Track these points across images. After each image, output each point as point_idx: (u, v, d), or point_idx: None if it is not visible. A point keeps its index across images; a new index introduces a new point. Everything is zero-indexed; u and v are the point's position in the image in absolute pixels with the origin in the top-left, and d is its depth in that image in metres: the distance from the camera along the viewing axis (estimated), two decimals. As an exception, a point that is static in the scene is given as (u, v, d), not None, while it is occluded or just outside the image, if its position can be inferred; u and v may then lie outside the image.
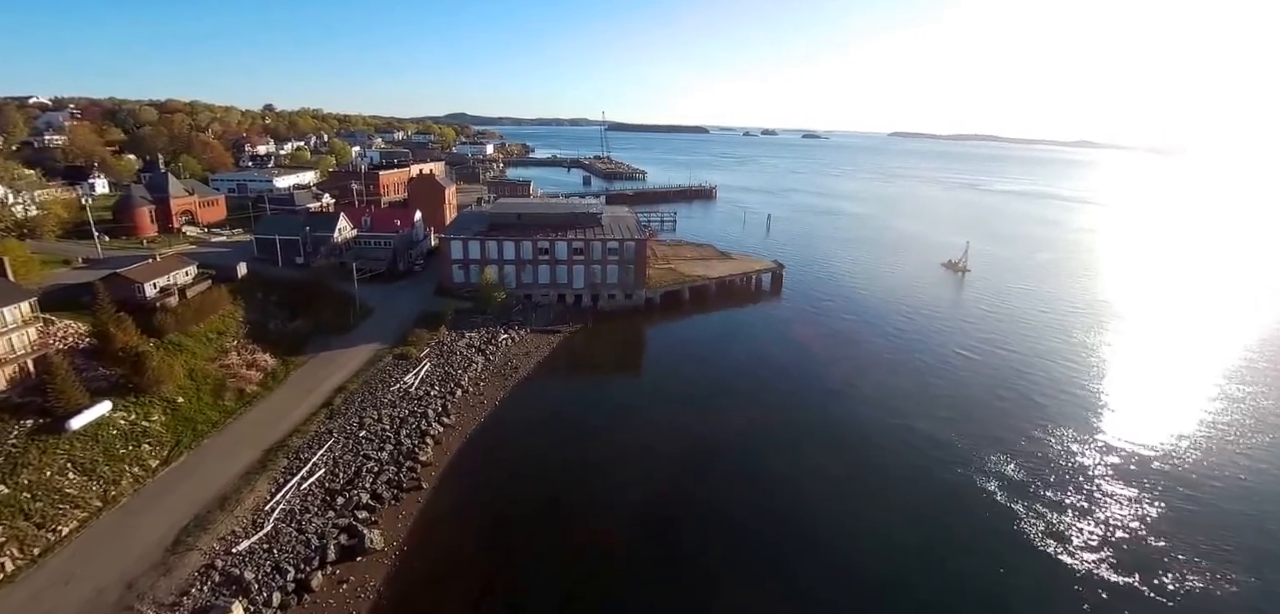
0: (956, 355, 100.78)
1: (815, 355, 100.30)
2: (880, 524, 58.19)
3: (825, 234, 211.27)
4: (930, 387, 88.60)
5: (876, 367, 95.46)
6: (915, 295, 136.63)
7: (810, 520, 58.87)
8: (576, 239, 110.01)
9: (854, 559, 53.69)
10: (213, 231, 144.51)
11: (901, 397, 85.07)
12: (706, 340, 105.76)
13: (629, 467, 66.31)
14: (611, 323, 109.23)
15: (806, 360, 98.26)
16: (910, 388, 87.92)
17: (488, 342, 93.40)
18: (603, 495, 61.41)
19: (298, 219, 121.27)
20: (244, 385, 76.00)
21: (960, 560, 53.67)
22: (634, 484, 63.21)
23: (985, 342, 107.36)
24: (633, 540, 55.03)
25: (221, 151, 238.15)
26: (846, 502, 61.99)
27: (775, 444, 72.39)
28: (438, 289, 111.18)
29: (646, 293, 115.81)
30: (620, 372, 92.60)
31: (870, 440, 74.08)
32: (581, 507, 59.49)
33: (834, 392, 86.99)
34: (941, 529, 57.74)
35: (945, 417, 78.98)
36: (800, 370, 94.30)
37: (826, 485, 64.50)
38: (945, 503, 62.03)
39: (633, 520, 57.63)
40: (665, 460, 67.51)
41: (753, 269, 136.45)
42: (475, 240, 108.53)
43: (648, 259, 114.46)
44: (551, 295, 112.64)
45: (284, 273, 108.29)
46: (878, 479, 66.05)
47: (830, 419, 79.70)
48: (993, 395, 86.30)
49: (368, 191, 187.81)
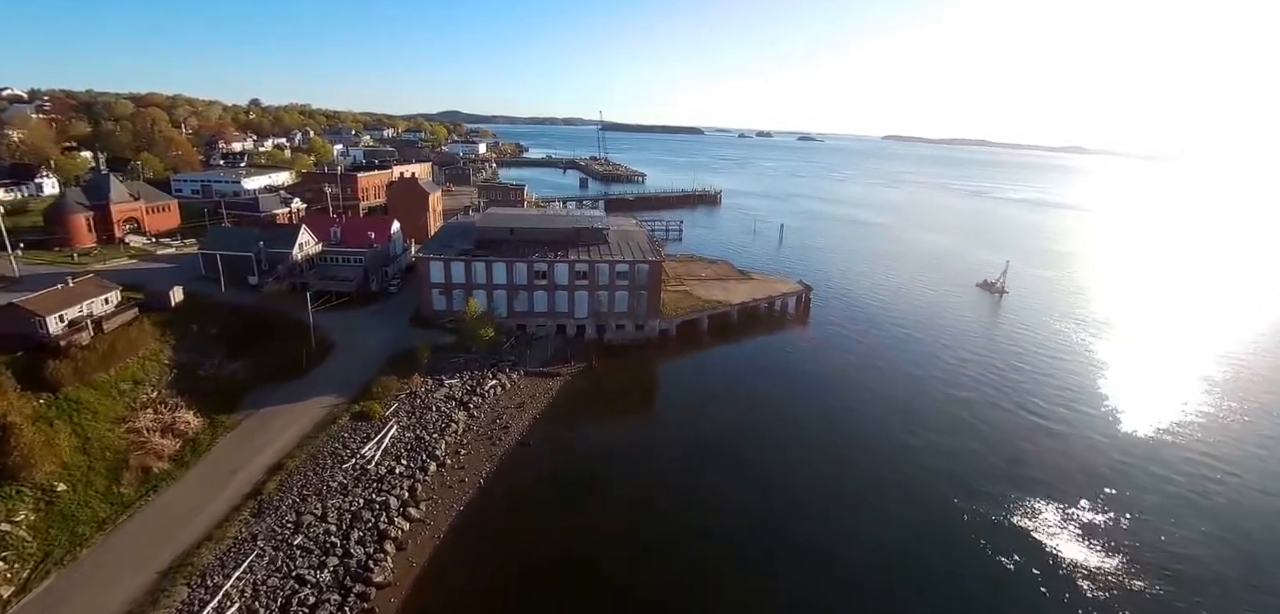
0: (1018, 404, 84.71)
1: (858, 400, 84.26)
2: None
3: (845, 247, 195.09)
4: (999, 447, 72.55)
5: (931, 416, 79.39)
6: (956, 322, 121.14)
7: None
8: (579, 261, 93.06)
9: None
10: (161, 242, 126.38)
11: (967, 460, 69.07)
12: (730, 379, 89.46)
13: (651, 567, 49.99)
14: (620, 360, 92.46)
15: (849, 406, 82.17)
16: (975, 448, 71.91)
17: (471, 390, 76.25)
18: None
19: (251, 232, 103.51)
20: (153, 461, 58.55)
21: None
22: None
23: (1048, 385, 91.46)
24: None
25: (189, 149, 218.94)
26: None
27: (824, 520, 57.22)
28: (414, 317, 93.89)
29: (660, 323, 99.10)
30: (633, 427, 75.48)
31: (941, 520, 58.26)
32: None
33: (886, 448, 71.28)
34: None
35: (1031, 489, 62.87)
36: (844, 420, 78.26)
37: (891, 575, 48.96)
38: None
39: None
40: (702, 572, 50.91)
41: (777, 292, 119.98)
42: (459, 261, 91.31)
43: (661, 280, 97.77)
44: (549, 326, 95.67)
45: (232, 298, 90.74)
46: (952, 575, 49.81)
47: (887, 484, 64.61)
48: (1082, 469, 70.16)
49: (344, 196, 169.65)
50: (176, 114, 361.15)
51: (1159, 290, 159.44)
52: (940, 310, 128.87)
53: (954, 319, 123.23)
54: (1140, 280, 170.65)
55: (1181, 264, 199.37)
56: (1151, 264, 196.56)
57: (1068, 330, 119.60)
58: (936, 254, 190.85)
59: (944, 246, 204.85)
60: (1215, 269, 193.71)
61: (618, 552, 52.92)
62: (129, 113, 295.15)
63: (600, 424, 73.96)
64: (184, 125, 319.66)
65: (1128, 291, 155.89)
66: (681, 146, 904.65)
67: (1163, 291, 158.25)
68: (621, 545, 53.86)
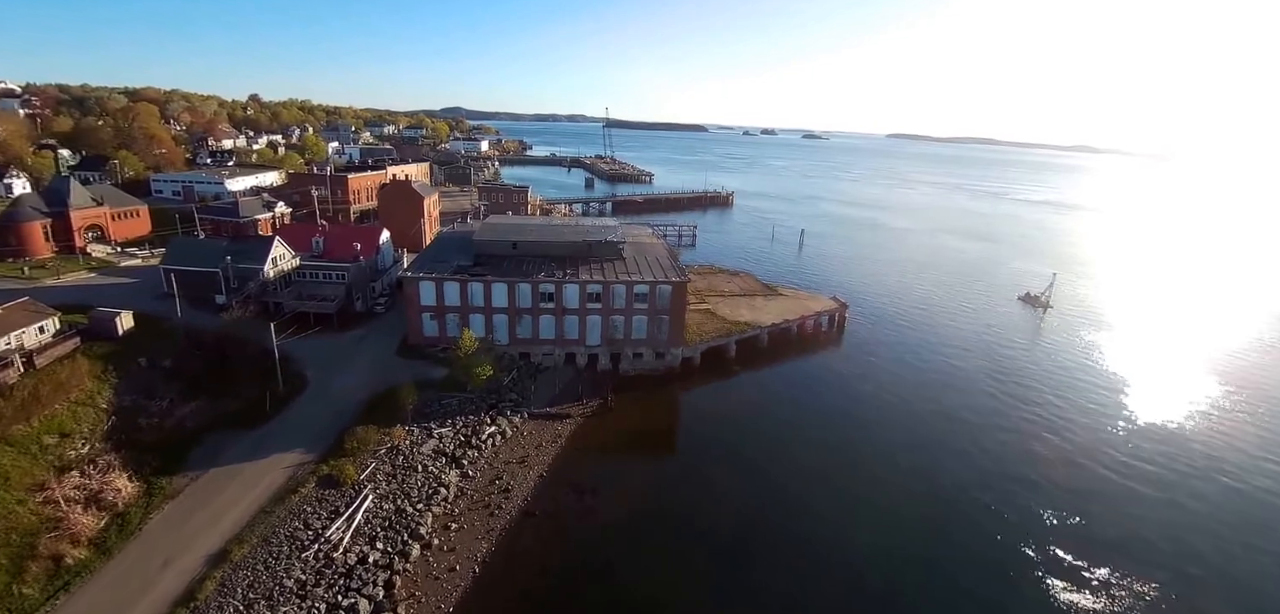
0: (1092, 455, 72.34)
1: (910, 447, 71.81)
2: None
3: (872, 255, 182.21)
4: (1083, 506, 60.27)
5: (997, 470, 66.91)
6: (1005, 344, 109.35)
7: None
8: (592, 281, 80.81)
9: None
10: (127, 252, 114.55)
11: (1051, 531, 56.67)
12: (764, 418, 77.66)
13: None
14: (638, 395, 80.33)
15: (902, 454, 69.66)
16: (1057, 509, 59.53)
17: (466, 441, 64.15)
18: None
19: (218, 244, 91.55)
20: (67, 548, 46.63)
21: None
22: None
23: (1119, 426, 79.11)
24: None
25: (172, 147, 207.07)
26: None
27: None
28: (402, 345, 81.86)
29: (684, 350, 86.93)
30: (660, 488, 63.13)
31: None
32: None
33: (947, 507, 58.77)
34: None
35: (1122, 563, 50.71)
36: (898, 474, 65.78)
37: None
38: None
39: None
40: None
41: (811, 311, 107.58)
42: (453, 281, 79.14)
43: (686, 302, 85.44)
44: (556, 355, 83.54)
45: (192, 322, 78.76)
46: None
47: (956, 549, 52.54)
48: (1168, 537, 57.82)
49: (334, 198, 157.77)
50: (171, 109, 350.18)
51: (1220, 306, 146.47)
52: (985, 329, 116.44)
53: (1002, 341, 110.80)
54: (1196, 292, 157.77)
55: (1235, 274, 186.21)
56: (1203, 274, 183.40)
57: (1128, 356, 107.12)
58: (970, 263, 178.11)
59: (976, 254, 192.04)
60: (1269, 278, 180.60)
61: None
62: (123, 106, 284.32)
63: (620, 485, 61.66)
64: (173, 121, 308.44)
65: (1184, 306, 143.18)
66: (686, 144, 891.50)
67: (1224, 307, 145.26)
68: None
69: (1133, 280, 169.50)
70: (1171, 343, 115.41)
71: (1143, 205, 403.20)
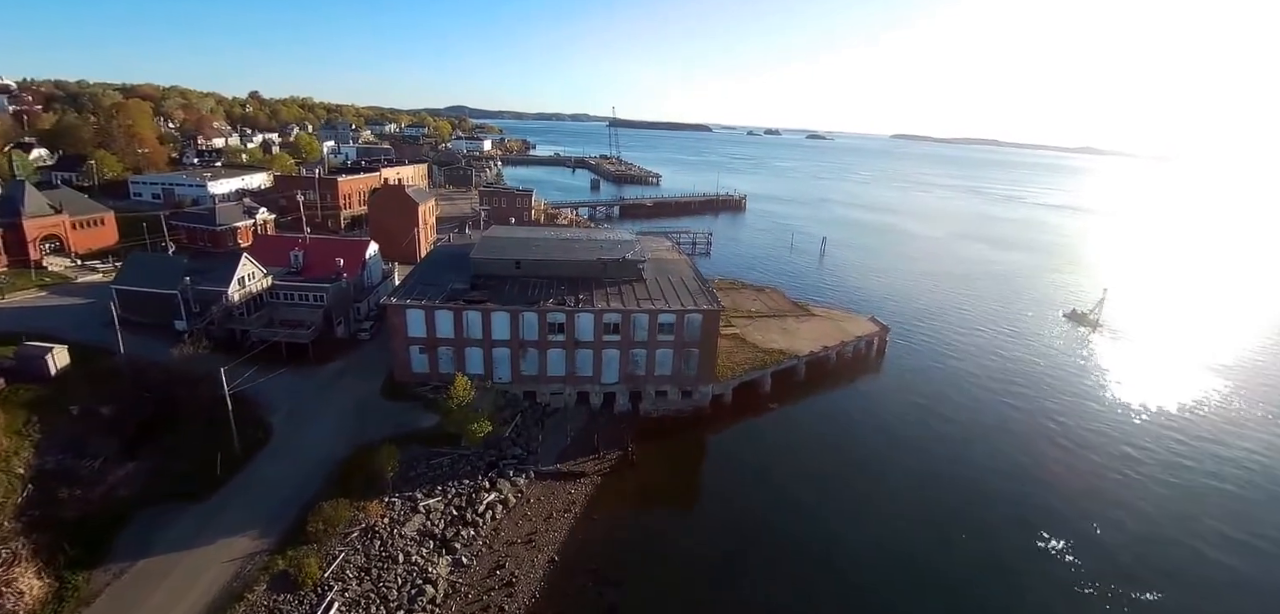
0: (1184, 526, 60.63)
1: (972, 498, 60.14)
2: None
3: (901, 265, 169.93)
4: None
5: (1082, 534, 55.26)
6: (1065, 374, 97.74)
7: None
8: (609, 310, 69.16)
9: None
10: (87, 265, 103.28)
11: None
12: (809, 468, 66.73)
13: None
14: (663, 442, 68.89)
15: (967, 517, 57.95)
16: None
17: (459, 514, 52.55)
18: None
19: (178, 262, 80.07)
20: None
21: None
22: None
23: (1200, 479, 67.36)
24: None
25: (156, 145, 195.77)
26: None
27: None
28: (387, 383, 70.32)
29: (714, 387, 75.32)
30: (692, 562, 51.46)
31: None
32: None
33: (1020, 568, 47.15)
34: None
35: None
36: (959, 535, 54.09)
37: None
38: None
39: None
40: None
41: (851, 335, 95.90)
42: (446, 310, 67.54)
43: (718, 333, 73.64)
44: (567, 395, 71.94)
45: (144, 354, 67.40)
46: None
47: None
48: None
49: (323, 203, 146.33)
50: (166, 106, 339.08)
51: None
52: (1038, 358, 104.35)
53: (1059, 371, 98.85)
54: (1252, 307, 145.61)
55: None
56: (1252, 285, 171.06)
57: (1199, 385, 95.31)
58: (1005, 274, 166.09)
59: (1009, 264, 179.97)
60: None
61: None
62: (116, 102, 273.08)
63: (649, 569, 50.00)
64: (164, 118, 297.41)
65: (1243, 322, 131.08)
66: (691, 144, 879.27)
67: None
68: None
69: (1179, 292, 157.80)
70: (1248, 369, 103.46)
71: (1165, 208, 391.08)
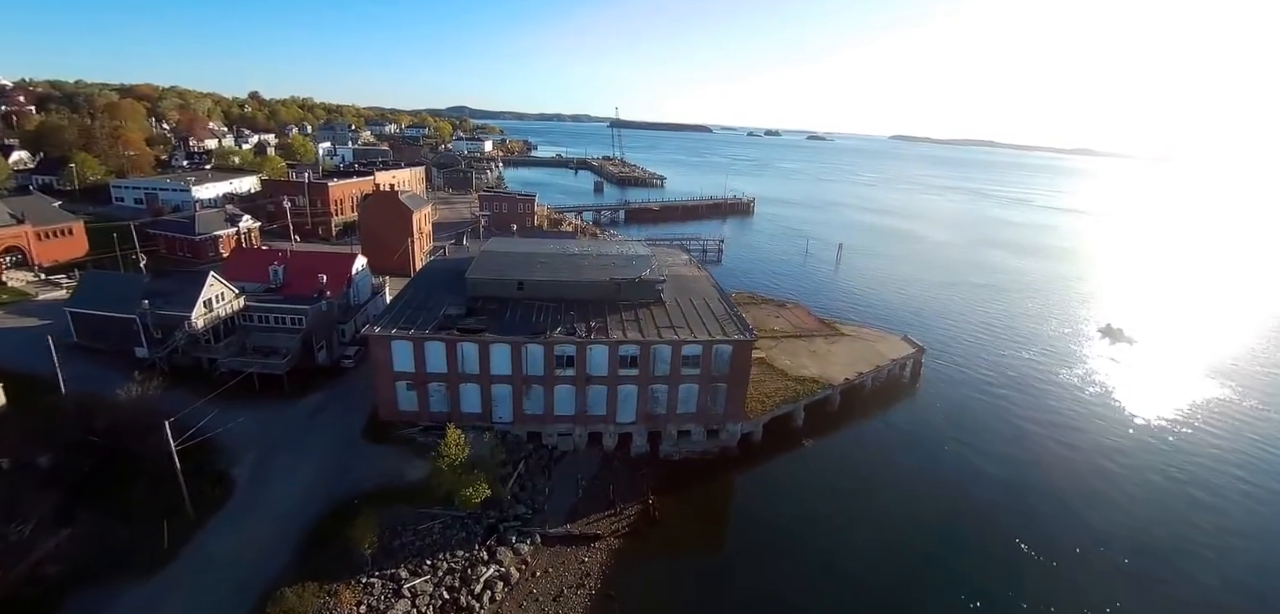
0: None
1: (1020, 542, 51.31)
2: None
3: (920, 275, 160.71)
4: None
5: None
6: (1106, 396, 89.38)
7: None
8: (627, 341, 60.34)
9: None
10: (51, 279, 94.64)
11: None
12: (859, 511, 58.04)
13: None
14: (687, 488, 60.29)
15: (1015, 551, 49.28)
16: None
17: (450, 600, 43.59)
18: None
19: (137, 280, 71.29)
20: None
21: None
22: None
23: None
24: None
25: (142, 147, 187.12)
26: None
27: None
28: (369, 423, 61.56)
29: (743, 425, 66.60)
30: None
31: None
32: None
33: None
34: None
35: None
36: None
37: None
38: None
39: None
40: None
41: (886, 357, 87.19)
42: (437, 341, 58.76)
43: (750, 365, 64.73)
44: (576, 436, 63.22)
45: (90, 393, 58.61)
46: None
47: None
48: None
49: (313, 209, 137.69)
50: (163, 106, 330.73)
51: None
52: (1077, 377, 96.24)
53: (1103, 395, 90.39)
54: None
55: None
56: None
57: (1244, 410, 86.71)
58: (1031, 285, 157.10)
59: (1033, 274, 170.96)
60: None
61: None
62: (113, 102, 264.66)
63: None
64: (158, 119, 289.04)
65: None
66: (692, 145, 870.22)
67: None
68: None
69: (1210, 301, 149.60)
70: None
71: (1177, 210, 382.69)
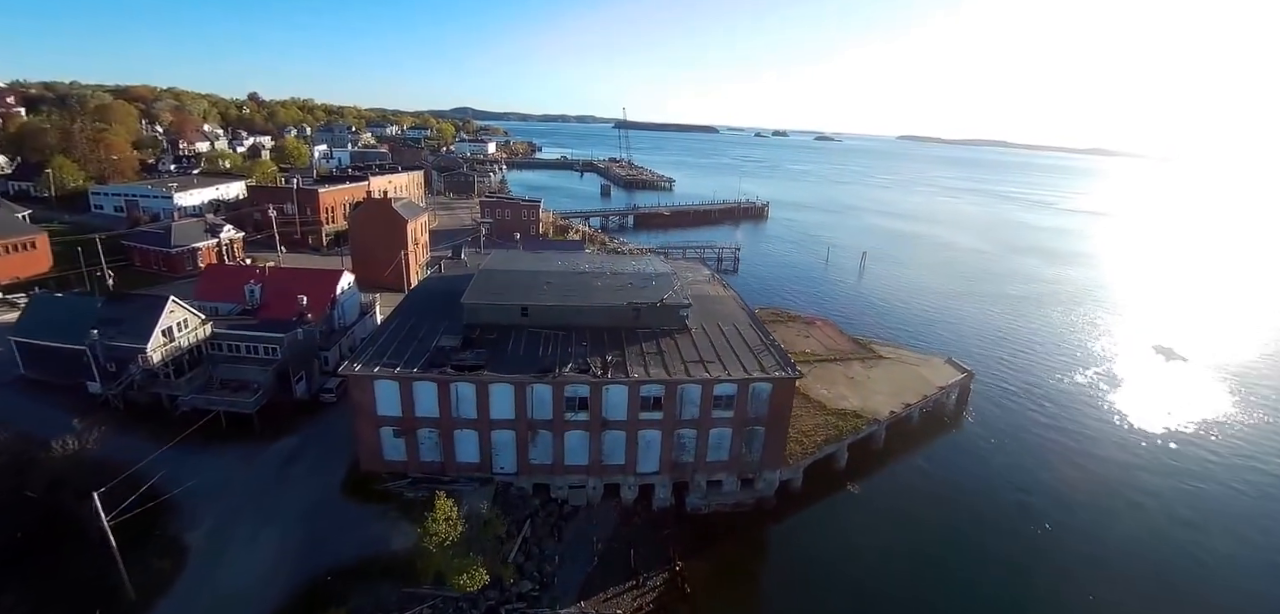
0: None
1: None
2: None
3: (953, 287, 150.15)
4: None
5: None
6: (1169, 425, 79.55)
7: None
8: (649, 381, 51.09)
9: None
10: (8, 300, 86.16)
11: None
12: (916, 568, 48.67)
13: None
14: (720, 548, 51.26)
15: None
16: None
17: (440, 718, 34.74)
18: None
19: (88, 302, 62.49)
20: None
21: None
22: None
23: None
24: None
25: (126, 151, 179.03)
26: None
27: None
28: (350, 476, 52.54)
29: (782, 472, 57.30)
30: None
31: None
32: None
33: None
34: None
35: None
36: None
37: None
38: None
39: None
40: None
41: (932, 384, 77.63)
42: (428, 381, 49.66)
43: (791, 405, 55.43)
44: (591, 488, 54.04)
45: (29, 438, 49.69)
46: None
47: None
48: None
49: (303, 218, 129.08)
50: (157, 107, 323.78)
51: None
52: (1140, 408, 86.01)
53: (1174, 429, 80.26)
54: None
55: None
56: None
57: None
58: (1072, 296, 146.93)
59: (1072, 284, 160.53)
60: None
61: None
62: (107, 104, 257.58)
63: None
64: (151, 121, 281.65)
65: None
66: (699, 146, 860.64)
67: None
68: None
69: (1253, 311, 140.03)
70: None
71: (1202, 213, 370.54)
